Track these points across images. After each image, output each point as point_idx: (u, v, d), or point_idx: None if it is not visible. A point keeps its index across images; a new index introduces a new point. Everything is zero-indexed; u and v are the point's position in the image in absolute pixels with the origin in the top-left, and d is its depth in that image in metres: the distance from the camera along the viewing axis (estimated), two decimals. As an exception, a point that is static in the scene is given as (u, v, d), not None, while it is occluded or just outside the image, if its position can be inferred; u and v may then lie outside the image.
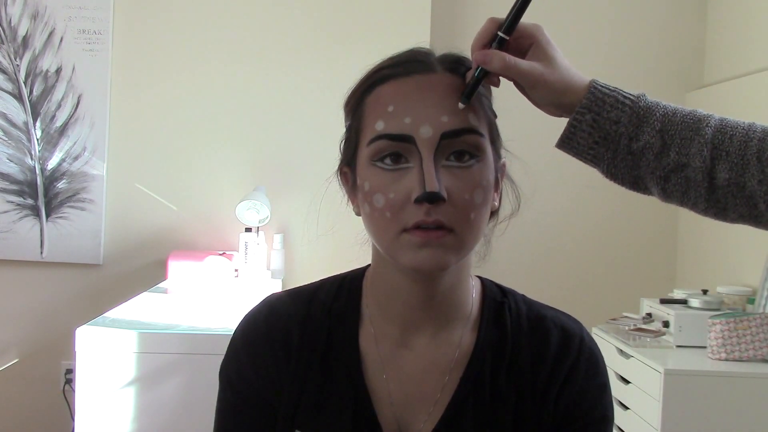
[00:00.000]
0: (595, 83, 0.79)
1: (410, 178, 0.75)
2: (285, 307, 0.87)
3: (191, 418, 1.77)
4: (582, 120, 0.78)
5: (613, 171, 0.80)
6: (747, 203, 0.77)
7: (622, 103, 0.78)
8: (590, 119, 0.78)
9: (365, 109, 0.80)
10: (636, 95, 0.79)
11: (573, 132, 0.79)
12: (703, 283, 2.72)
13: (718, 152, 0.77)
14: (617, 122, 0.78)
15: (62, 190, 2.90)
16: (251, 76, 2.93)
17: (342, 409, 0.81)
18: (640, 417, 2.24)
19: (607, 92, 0.78)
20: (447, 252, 0.75)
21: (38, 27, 2.87)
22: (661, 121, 0.78)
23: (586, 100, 0.78)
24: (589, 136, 0.78)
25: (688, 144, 0.77)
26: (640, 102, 0.78)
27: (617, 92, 0.79)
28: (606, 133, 0.78)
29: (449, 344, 0.83)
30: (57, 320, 2.87)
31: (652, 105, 0.79)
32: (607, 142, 0.78)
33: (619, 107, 0.78)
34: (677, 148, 0.77)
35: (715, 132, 0.77)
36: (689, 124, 0.78)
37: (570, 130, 0.79)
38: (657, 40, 3.09)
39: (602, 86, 0.79)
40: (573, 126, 0.78)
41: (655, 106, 0.79)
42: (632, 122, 0.78)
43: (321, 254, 2.88)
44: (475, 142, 0.76)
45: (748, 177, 0.76)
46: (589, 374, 0.83)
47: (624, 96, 0.79)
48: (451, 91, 0.77)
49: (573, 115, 0.78)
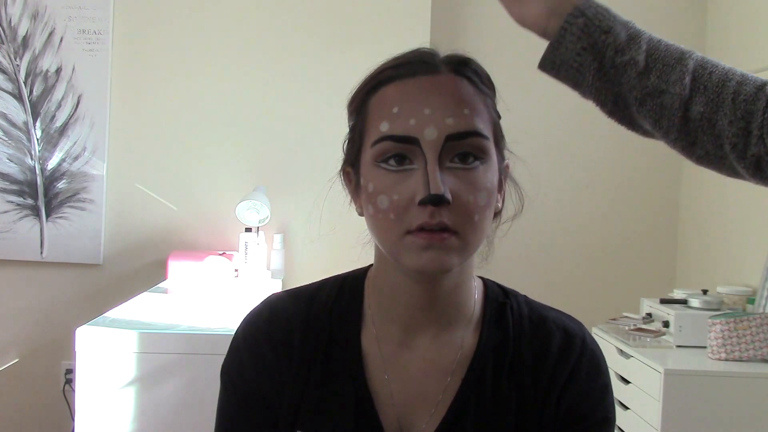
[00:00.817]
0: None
1: (414, 180, 0.74)
2: (286, 307, 0.87)
3: (191, 418, 1.77)
4: (574, 23, 0.78)
5: (597, 85, 0.80)
6: (715, 141, 0.79)
7: (614, 16, 0.79)
8: (582, 23, 0.78)
9: (369, 109, 0.80)
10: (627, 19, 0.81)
11: (562, 36, 0.79)
12: (703, 283, 2.72)
13: (697, 85, 0.78)
14: (607, 32, 0.78)
15: (62, 190, 2.89)
16: (252, 76, 2.93)
17: (343, 410, 0.81)
18: (640, 417, 2.24)
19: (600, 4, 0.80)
20: (450, 254, 0.75)
21: (38, 27, 2.87)
22: (648, 43, 0.79)
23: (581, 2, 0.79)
24: (578, 40, 0.79)
25: (669, 71, 0.78)
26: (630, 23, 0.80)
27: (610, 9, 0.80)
28: (594, 42, 0.79)
29: (451, 345, 0.83)
30: (57, 320, 2.87)
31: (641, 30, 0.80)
32: (594, 50, 0.79)
33: (612, 18, 0.79)
34: (658, 73, 0.78)
35: (696, 65, 0.79)
36: (673, 53, 0.79)
37: (560, 33, 0.79)
38: (657, 40, 3.09)
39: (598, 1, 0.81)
40: (563, 29, 0.79)
41: (644, 31, 0.80)
42: (621, 35, 0.79)
43: (321, 254, 2.88)
44: (479, 144, 0.76)
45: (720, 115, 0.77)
46: (591, 375, 0.83)
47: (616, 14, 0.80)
48: (456, 92, 0.77)
49: (565, 17, 0.79)
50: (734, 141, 0.77)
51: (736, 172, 0.81)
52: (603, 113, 0.85)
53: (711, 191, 2.95)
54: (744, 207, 2.71)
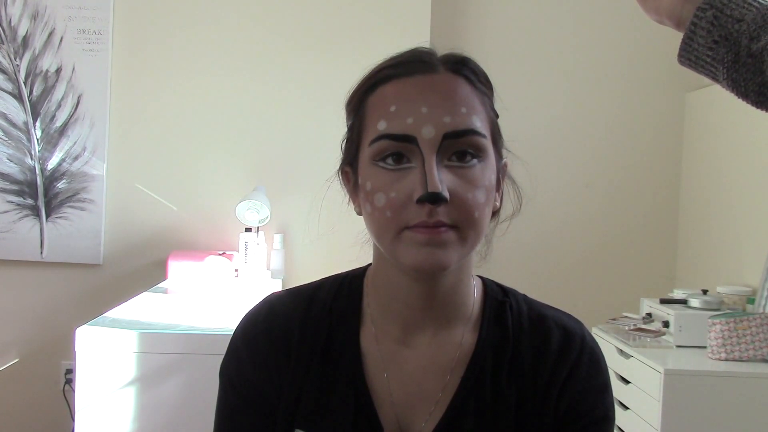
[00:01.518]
0: None
1: (412, 178, 0.74)
2: (285, 306, 0.87)
3: (191, 418, 1.77)
4: (703, 17, 0.73)
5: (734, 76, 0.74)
6: None
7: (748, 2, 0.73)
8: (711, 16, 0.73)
9: (367, 108, 0.80)
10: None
11: (693, 31, 0.74)
12: (703, 283, 2.72)
13: None
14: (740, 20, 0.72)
15: (62, 190, 2.89)
16: (251, 75, 2.93)
17: (343, 409, 0.81)
18: (640, 417, 2.24)
19: None
20: (449, 250, 0.75)
21: (38, 27, 2.87)
22: None
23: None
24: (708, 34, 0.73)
25: None
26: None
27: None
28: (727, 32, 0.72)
29: (450, 344, 0.83)
30: (57, 320, 2.87)
31: None
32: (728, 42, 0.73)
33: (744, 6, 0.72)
34: None
35: None
36: None
37: (690, 29, 0.74)
38: (657, 40, 3.09)
39: None
40: (693, 24, 0.74)
41: None
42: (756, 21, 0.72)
43: (321, 254, 2.88)
44: (477, 142, 0.76)
45: None
46: (591, 374, 0.83)
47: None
48: (454, 91, 0.77)
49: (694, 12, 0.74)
50: None
51: None
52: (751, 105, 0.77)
53: (711, 191, 2.95)
54: (744, 207, 2.71)
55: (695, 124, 3.07)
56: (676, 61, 0.79)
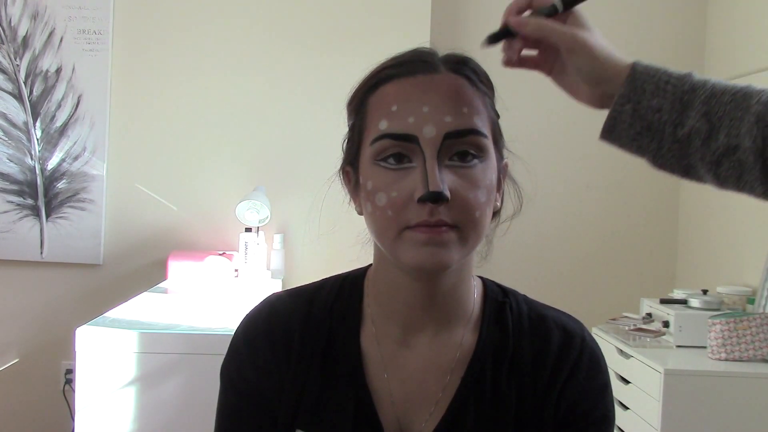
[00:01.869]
0: (636, 66, 0.74)
1: (413, 178, 0.75)
2: (286, 306, 0.87)
3: (191, 418, 1.77)
4: (621, 111, 0.73)
5: (660, 162, 0.75)
6: None
7: (663, 90, 0.72)
8: (630, 109, 0.73)
9: (368, 108, 0.80)
10: (682, 75, 0.73)
11: (613, 123, 0.75)
12: (703, 283, 2.72)
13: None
14: (659, 110, 0.72)
15: (62, 190, 2.89)
16: (251, 75, 2.93)
17: (343, 409, 0.81)
18: (640, 417, 2.24)
19: (648, 77, 0.73)
20: (449, 249, 0.75)
21: (38, 27, 2.87)
22: (706, 103, 0.72)
23: (624, 89, 0.73)
24: (630, 127, 0.74)
25: (737, 125, 0.70)
26: (684, 84, 0.72)
27: (659, 75, 0.73)
28: (649, 123, 0.73)
29: (450, 344, 0.83)
30: (57, 320, 2.87)
31: (698, 85, 0.72)
32: (650, 132, 0.73)
33: (660, 94, 0.72)
34: (726, 130, 0.71)
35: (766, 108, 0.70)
36: (738, 102, 0.71)
37: (610, 121, 0.75)
38: (657, 40, 3.09)
39: (643, 69, 0.73)
40: (613, 117, 0.74)
41: (701, 86, 0.72)
42: (675, 108, 0.72)
43: (321, 254, 2.88)
44: (478, 142, 0.76)
45: None
46: (591, 374, 0.83)
47: (667, 80, 0.73)
48: (455, 91, 0.77)
49: (612, 106, 0.74)
50: None
51: None
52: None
53: (711, 191, 2.94)
54: (744, 207, 2.71)
55: (695, 124, 3.06)
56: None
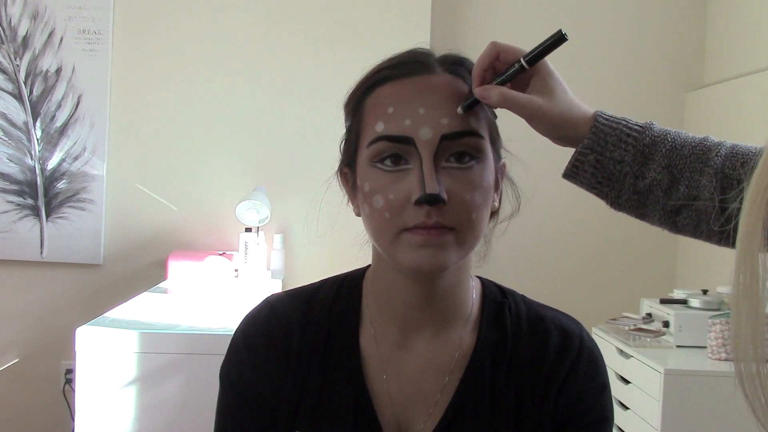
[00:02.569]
0: (598, 118, 0.77)
1: (410, 180, 0.74)
2: (285, 307, 0.87)
3: (191, 418, 1.77)
4: (585, 160, 0.77)
5: (617, 207, 0.79)
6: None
7: (625, 142, 0.76)
8: (593, 159, 0.76)
9: (365, 110, 0.80)
10: (642, 126, 0.76)
11: (576, 170, 0.78)
12: (703, 283, 2.72)
13: (729, 181, 0.73)
14: (621, 162, 0.76)
15: (62, 190, 2.90)
16: (251, 76, 2.93)
17: (342, 410, 0.81)
18: (640, 417, 2.24)
19: (610, 129, 0.76)
20: (447, 251, 0.75)
21: (38, 27, 2.87)
22: (667, 156, 0.75)
23: (588, 140, 0.76)
24: (592, 176, 0.77)
25: (698, 177, 0.74)
26: (644, 138, 0.76)
27: (621, 127, 0.76)
28: (610, 173, 0.76)
29: (449, 345, 0.83)
30: (57, 320, 2.87)
31: (659, 138, 0.76)
32: (611, 181, 0.77)
33: (622, 146, 0.76)
34: (687, 182, 0.74)
35: (724, 160, 0.74)
36: (698, 155, 0.75)
37: (573, 166, 0.78)
38: (657, 40, 3.09)
39: (605, 121, 0.76)
40: (575, 166, 0.78)
41: (662, 139, 0.76)
42: (636, 161, 0.75)
43: (321, 254, 2.88)
44: (475, 144, 0.76)
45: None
46: (589, 374, 0.83)
47: (628, 132, 0.76)
48: (451, 92, 0.77)
49: (575, 155, 0.77)
50: None
51: None
52: None
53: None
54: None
55: (695, 124, 3.06)
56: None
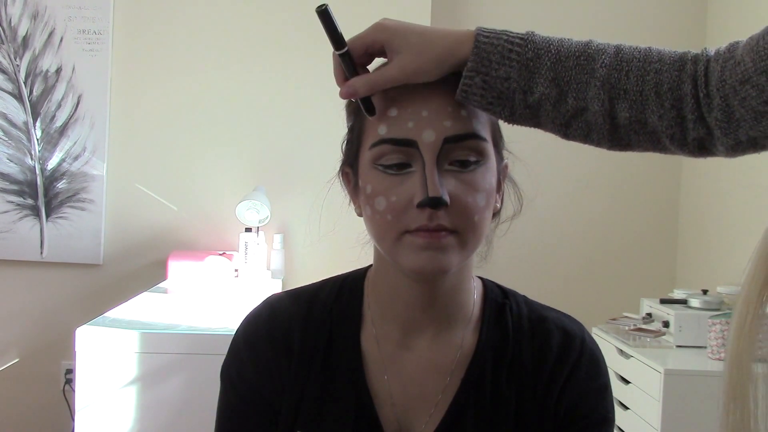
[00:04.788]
0: (478, 36, 0.75)
1: (412, 183, 0.74)
2: (286, 307, 0.87)
3: (191, 418, 1.77)
4: (472, 83, 0.75)
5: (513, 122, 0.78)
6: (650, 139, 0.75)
7: (508, 58, 0.74)
8: (480, 81, 0.75)
9: (367, 111, 0.80)
10: (523, 38, 0.75)
11: (466, 93, 0.76)
12: (703, 283, 2.72)
13: (616, 92, 0.74)
14: (507, 79, 0.74)
15: (62, 190, 2.89)
16: (251, 76, 2.93)
17: (343, 410, 0.81)
18: (640, 417, 2.24)
19: (492, 47, 0.74)
20: (449, 254, 0.75)
21: (38, 27, 2.87)
22: (552, 69, 0.74)
23: (471, 62, 0.75)
24: (482, 97, 0.75)
25: (584, 88, 0.74)
26: (527, 51, 0.74)
27: (503, 42, 0.75)
28: (499, 92, 0.75)
29: (450, 345, 0.83)
30: (57, 320, 2.87)
31: (542, 51, 0.75)
32: (501, 100, 0.75)
33: (506, 63, 0.74)
34: (574, 94, 0.74)
35: (609, 71, 0.74)
36: (583, 66, 0.74)
37: (462, 91, 0.76)
38: (657, 40, 3.09)
39: (486, 38, 0.75)
40: (464, 90, 0.75)
41: (546, 51, 0.75)
42: (522, 76, 0.74)
43: (321, 254, 2.87)
44: (477, 146, 0.76)
45: (648, 113, 0.73)
46: (590, 375, 0.83)
47: (510, 48, 0.74)
48: (454, 94, 0.76)
49: (462, 79, 0.75)
50: (671, 132, 0.73)
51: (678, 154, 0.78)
52: None
53: (710, 191, 2.95)
54: (744, 207, 2.71)
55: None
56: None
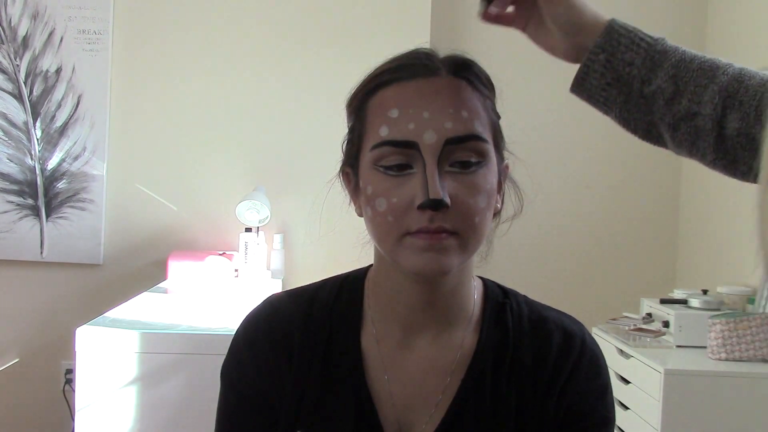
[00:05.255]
0: (613, 21, 0.77)
1: (413, 184, 0.74)
2: (286, 307, 0.87)
3: (191, 418, 1.77)
4: (596, 60, 0.76)
5: (625, 116, 0.78)
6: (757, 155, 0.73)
7: (637, 45, 0.76)
8: (604, 59, 0.76)
9: (368, 112, 0.80)
10: (655, 38, 0.77)
11: (586, 72, 0.77)
12: (703, 283, 2.72)
13: (732, 101, 0.73)
14: (631, 64, 0.76)
15: (62, 190, 2.89)
16: (251, 76, 2.93)
17: (343, 410, 0.81)
18: (640, 417, 2.24)
19: (624, 32, 0.76)
20: (449, 255, 0.75)
21: (38, 27, 2.87)
22: (675, 66, 0.75)
23: (600, 39, 0.76)
24: (601, 77, 0.76)
25: (701, 91, 0.74)
26: (657, 45, 0.76)
27: (635, 33, 0.76)
28: (619, 75, 0.76)
29: (451, 345, 0.83)
30: (57, 320, 2.87)
31: (670, 49, 0.76)
32: (619, 84, 0.76)
33: (633, 49, 0.76)
34: (690, 95, 0.74)
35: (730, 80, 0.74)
36: (705, 71, 0.75)
37: (583, 70, 0.77)
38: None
39: (620, 25, 0.77)
40: (586, 66, 0.77)
41: (673, 50, 0.76)
42: (646, 65, 0.75)
43: (321, 254, 2.88)
44: (478, 147, 0.76)
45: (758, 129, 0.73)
46: (591, 376, 0.83)
47: (641, 38, 0.76)
48: (456, 96, 0.76)
49: (587, 55, 0.76)
50: None
51: None
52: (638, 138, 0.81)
53: (711, 191, 2.95)
54: (744, 207, 2.71)
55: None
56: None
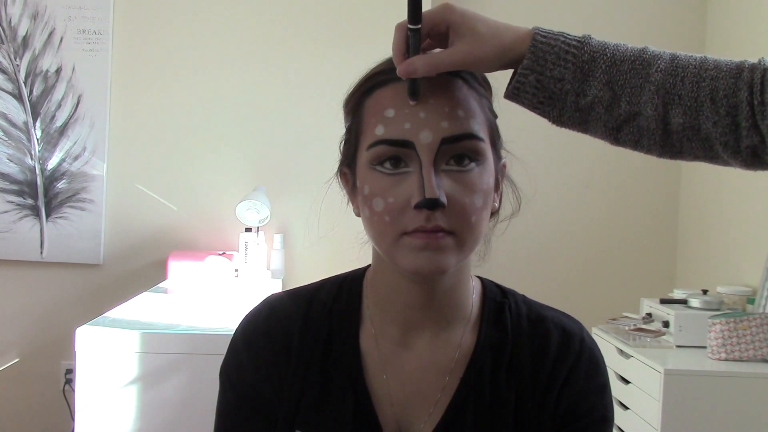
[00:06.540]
0: (536, 36, 0.75)
1: (410, 183, 0.74)
2: (285, 307, 0.87)
3: (191, 418, 1.77)
4: (525, 81, 0.76)
5: (560, 124, 0.78)
6: (703, 145, 0.75)
7: (564, 59, 0.75)
8: (534, 80, 0.75)
9: (365, 111, 0.80)
10: (580, 40, 0.75)
11: (517, 91, 0.77)
12: (703, 283, 2.72)
13: (671, 97, 0.74)
14: (561, 80, 0.75)
15: (62, 190, 2.89)
16: (251, 76, 2.93)
17: (342, 410, 0.81)
18: (640, 417, 2.24)
19: (548, 47, 0.75)
20: (446, 255, 0.75)
21: (38, 27, 2.87)
22: (607, 72, 0.75)
23: (527, 60, 0.75)
24: (533, 96, 0.76)
25: (638, 92, 0.74)
26: (583, 54, 0.75)
27: (559, 43, 0.75)
28: (551, 93, 0.75)
29: (449, 345, 0.83)
30: (57, 320, 2.87)
31: (598, 53, 0.75)
32: (552, 100, 0.76)
33: (561, 64, 0.75)
34: (627, 98, 0.74)
35: (665, 76, 0.74)
36: (638, 70, 0.75)
37: (515, 88, 0.77)
38: (657, 40, 3.09)
39: (543, 38, 0.75)
40: (516, 87, 0.76)
41: (601, 54, 0.75)
42: (577, 78, 0.75)
43: (321, 254, 2.87)
44: (474, 146, 0.76)
45: (702, 119, 0.73)
46: (590, 375, 0.83)
47: (567, 49, 0.75)
48: (451, 94, 0.77)
49: (515, 76, 0.76)
50: (724, 139, 0.74)
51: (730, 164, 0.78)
52: None
53: (711, 191, 2.95)
54: (744, 207, 2.71)
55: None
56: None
